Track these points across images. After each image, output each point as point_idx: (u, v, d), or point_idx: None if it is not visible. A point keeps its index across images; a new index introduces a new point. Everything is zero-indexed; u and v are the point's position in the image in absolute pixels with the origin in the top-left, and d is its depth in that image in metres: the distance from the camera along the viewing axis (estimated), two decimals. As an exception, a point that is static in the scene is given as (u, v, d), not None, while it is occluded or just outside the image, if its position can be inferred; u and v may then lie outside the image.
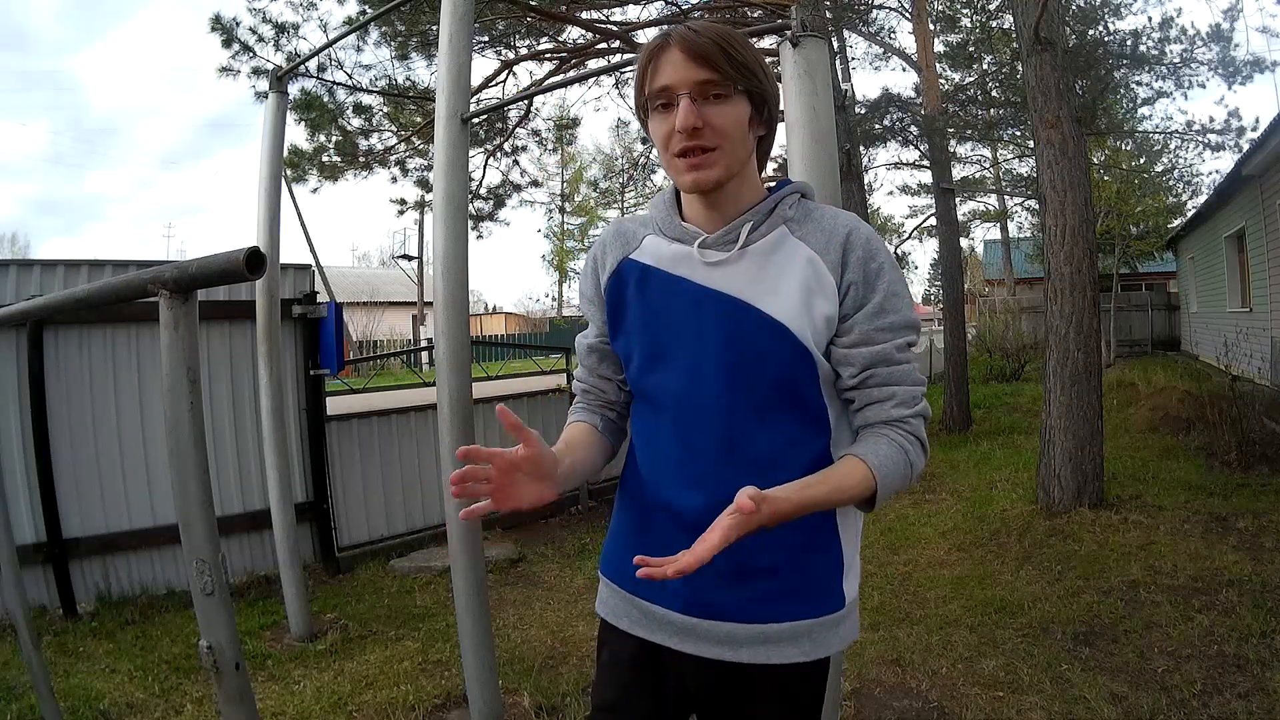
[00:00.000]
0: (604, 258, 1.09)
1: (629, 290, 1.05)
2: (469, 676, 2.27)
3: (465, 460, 0.85)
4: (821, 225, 1.00)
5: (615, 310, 1.07)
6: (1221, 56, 8.10)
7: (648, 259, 1.04)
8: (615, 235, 1.10)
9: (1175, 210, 16.14)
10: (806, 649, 0.99)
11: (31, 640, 1.88)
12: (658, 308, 1.02)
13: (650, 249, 1.05)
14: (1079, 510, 4.53)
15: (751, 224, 0.99)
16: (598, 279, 1.10)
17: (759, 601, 0.99)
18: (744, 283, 0.98)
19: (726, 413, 0.98)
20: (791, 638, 0.99)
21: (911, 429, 0.98)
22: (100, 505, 3.71)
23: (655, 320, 1.03)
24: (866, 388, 0.98)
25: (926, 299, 37.19)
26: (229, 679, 1.06)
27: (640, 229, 1.08)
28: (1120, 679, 2.59)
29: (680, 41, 0.94)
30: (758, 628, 0.99)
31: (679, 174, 0.97)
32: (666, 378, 1.01)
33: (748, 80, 0.95)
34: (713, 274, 0.99)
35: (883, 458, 0.94)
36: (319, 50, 6.01)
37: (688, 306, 1.00)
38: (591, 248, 1.14)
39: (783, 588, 0.99)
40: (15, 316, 1.95)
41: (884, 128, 9.62)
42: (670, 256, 1.02)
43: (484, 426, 5.28)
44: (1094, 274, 4.88)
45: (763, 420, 0.98)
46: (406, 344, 24.16)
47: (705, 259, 0.99)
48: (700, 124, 0.93)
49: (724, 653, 0.99)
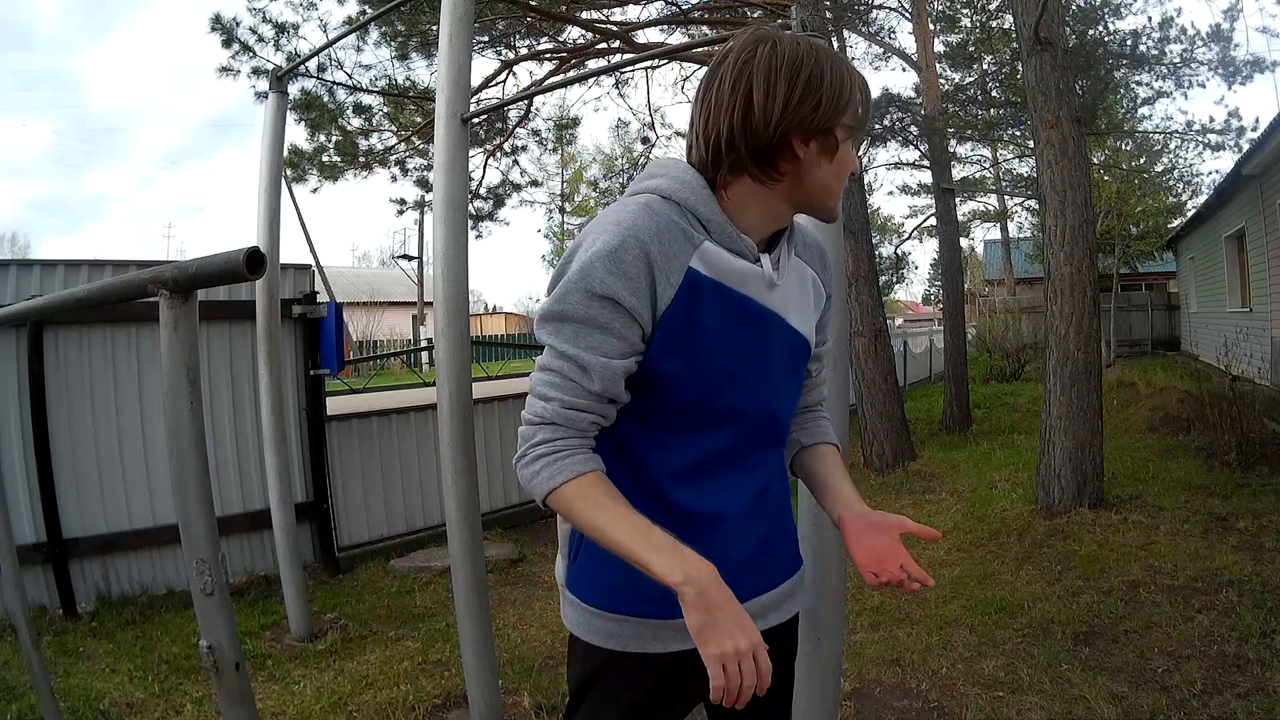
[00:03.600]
0: (665, 263, 0.90)
1: (704, 307, 0.93)
2: (469, 676, 2.27)
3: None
4: (806, 243, 1.09)
5: (686, 326, 0.93)
6: (1221, 56, 8.10)
7: (716, 274, 0.94)
8: (671, 234, 0.92)
9: (1175, 210, 16.15)
10: (801, 599, 1.16)
11: (31, 640, 1.88)
12: (734, 329, 0.97)
13: (714, 260, 0.94)
14: (1079, 510, 4.53)
15: (789, 245, 1.04)
16: (653, 285, 0.90)
17: (776, 564, 1.10)
18: (790, 305, 1.04)
19: (784, 426, 1.10)
20: (796, 589, 1.14)
21: (826, 410, 1.24)
22: (100, 505, 3.71)
23: (729, 342, 0.96)
24: (815, 375, 1.18)
25: (926, 299, 37.21)
26: (229, 679, 1.06)
27: (688, 227, 0.93)
28: (1120, 679, 2.59)
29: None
30: (778, 590, 1.09)
31: (835, 203, 1.02)
32: (739, 399, 0.99)
33: None
34: (772, 296, 1.01)
35: (838, 441, 1.21)
36: (319, 50, 6.01)
37: (759, 328, 1.00)
38: (630, 242, 0.88)
39: (788, 546, 1.13)
40: (15, 316, 1.95)
41: (884, 128, 9.62)
42: (738, 274, 0.96)
43: (484, 426, 5.28)
44: (1094, 274, 4.88)
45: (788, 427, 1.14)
46: (406, 344, 24.16)
47: (774, 281, 1.00)
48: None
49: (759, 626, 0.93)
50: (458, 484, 2.21)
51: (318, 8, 7.70)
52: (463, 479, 2.21)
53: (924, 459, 6.88)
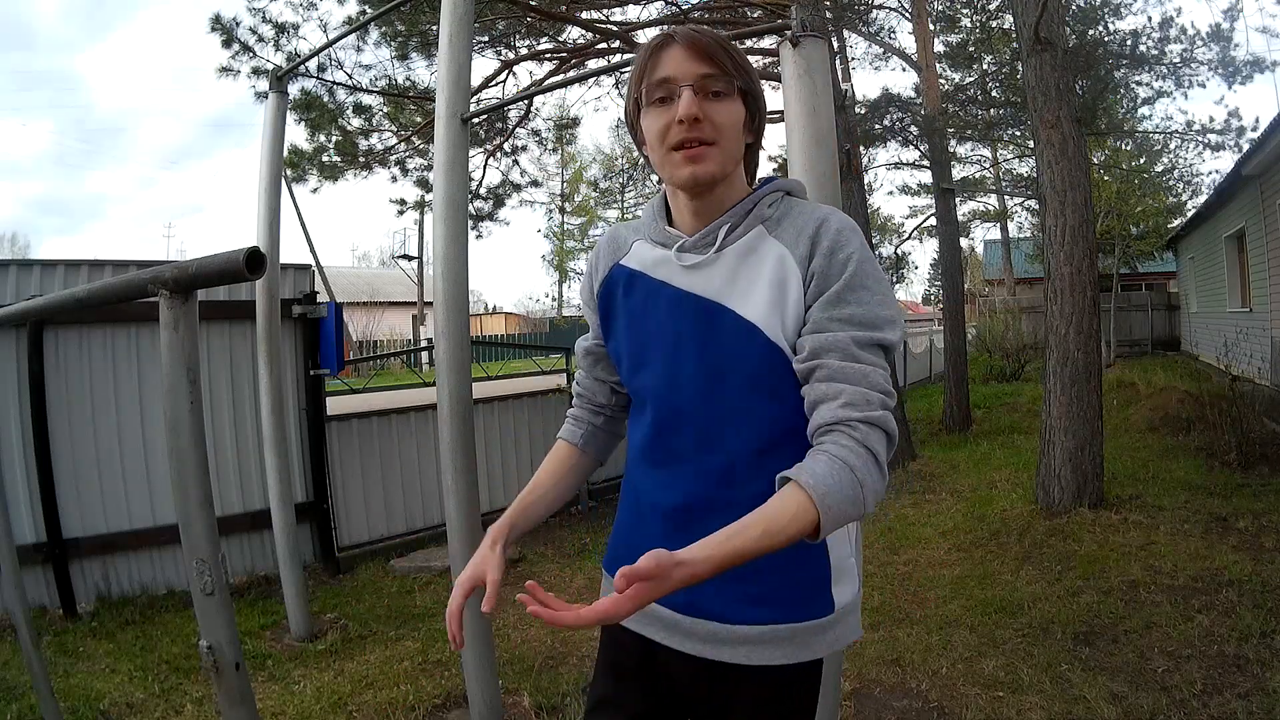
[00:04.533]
0: (598, 264, 1.13)
1: (617, 295, 1.09)
2: (469, 676, 2.27)
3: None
4: (795, 221, 0.97)
5: (606, 315, 1.11)
6: (1221, 56, 8.10)
7: (634, 264, 1.07)
8: (609, 242, 1.13)
9: (1175, 210, 16.16)
10: (789, 651, 0.97)
11: (31, 640, 1.88)
12: (641, 311, 1.05)
13: (637, 254, 1.08)
14: (1079, 510, 4.53)
15: (729, 225, 0.99)
16: (592, 285, 1.14)
17: (740, 603, 0.98)
18: (719, 284, 0.98)
19: (702, 413, 0.98)
20: (773, 640, 0.97)
21: (861, 437, 0.83)
22: (100, 505, 3.71)
23: (638, 324, 1.06)
24: (815, 381, 0.89)
25: (926, 299, 37.23)
26: (229, 679, 1.06)
27: (631, 235, 1.11)
28: (1120, 679, 2.59)
29: (684, 38, 0.96)
30: (739, 629, 0.98)
31: (675, 168, 0.96)
32: (648, 379, 1.03)
33: (745, 80, 0.98)
34: (690, 277, 1.00)
35: (820, 478, 0.78)
36: (319, 50, 6.00)
37: (667, 309, 1.02)
38: (590, 254, 1.20)
39: (762, 592, 0.97)
40: (15, 316, 1.95)
41: (884, 128, 9.61)
42: (653, 261, 1.05)
43: (484, 426, 5.28)
44: (1094, 274, 4.88)
45: (738, 420, 0.96)
46: (406, 344, 24.15)
47: (683, 262, 1.00)
48: (700, 116, 0.93)
49: (708, 650, 1.00)
50: (458, 484, 2.21)
51: (318, 8, 7.71)
52: (463, 479, 2.21)
53: (924, 459, 6.88)
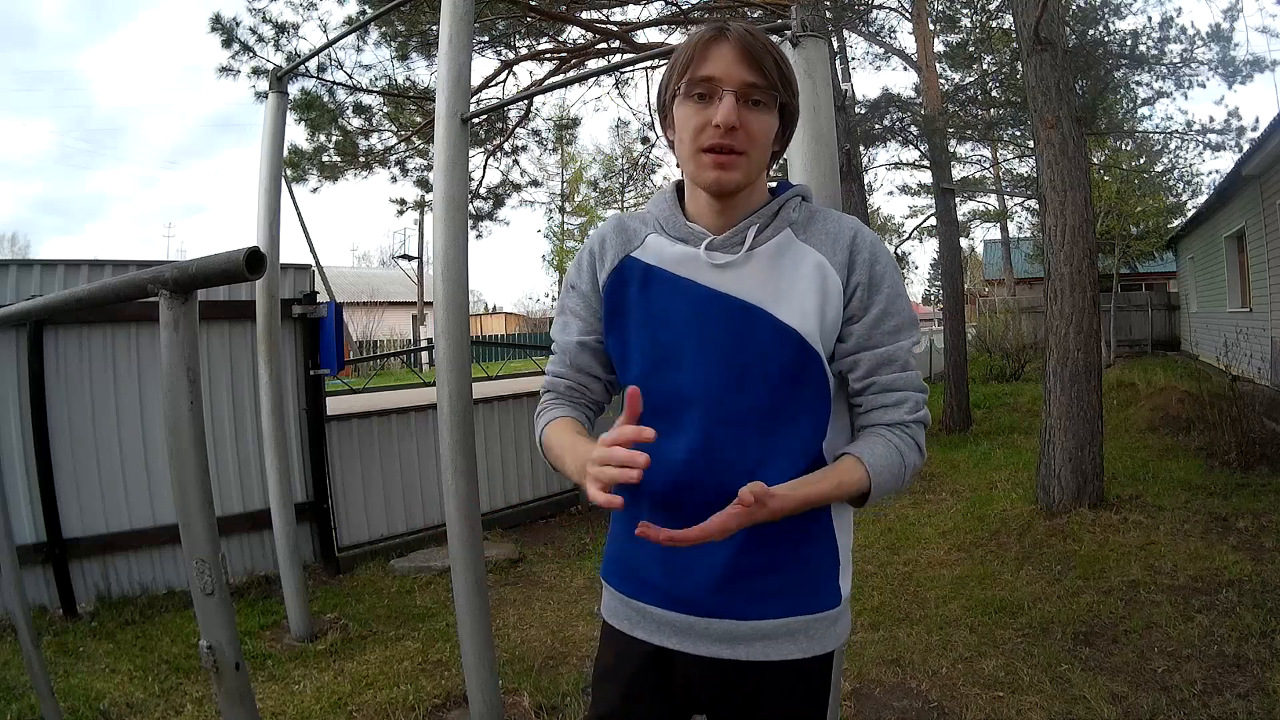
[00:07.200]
0: (603, 253, 1.06)
1: (630, 290, 1.03)
2: (469, 676, 2.27)
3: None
4: (826, 229, 1.00)
5: (614, 309, 1.05)
6: (1221, 56, 8.10)
7: (650, 258, 1.02)
8: (616, 231, 1.07)
9: (1175, 210, 16.15)
10: (804, 645, 1.00)
11: (31, 640, 1.88)
12: (661, 309, 1.01)
13: (653, 248, 1.03)
14: (1079, 510, 4.53)
15: (757, 226, 0.99)
16: (595, 274, 1.07)
17: (756, 598, 0.99)
18: (752, 286, 0.97)
19: (732, 414, 0.97)
20: (788, 634, 0.99)
21: (912, 434, 1.00)
22: (100, 505, 3.71)
23: (657, 322, 1.01)
24: (874, 392, 1.00)
25: (926, 299, 37.19)
26: (229, 679, 1.06)
27: (641, 227, 1.06)
28: (1120, 679, 2.59)
29: (737, 38, 0.93)
30: (754, 624, 0.99)
31: (703, 169, 0.95)
32: (672, 380, 0.99)
33: (786, 94, 0.97)
34: (720, 276, 0.98)
35: (879, 458, 0.96)
36: (319, 50, 6.00)
37: (693, 309, 0.99)
38: (588, 240, 1.11)
39: (781, 584, 0.99)
40: (15, 316, 1.95)
41: (884, 128, 9.62)
42: (674, 257, 1.01)
43: (484, 426, 5.28)
44: (1094, 274, 4.88)
45: (766, 423, 0.97)
46: (406, 344, 24.15)
47: (712, 261, 0.98)
48: (738, 125, 0.92)
49: (723, 650, 1.00)
50: (458, 484, 2.21)
51: (318, 8, 7.71)
52: (463, 479, 2.21)
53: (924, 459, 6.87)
